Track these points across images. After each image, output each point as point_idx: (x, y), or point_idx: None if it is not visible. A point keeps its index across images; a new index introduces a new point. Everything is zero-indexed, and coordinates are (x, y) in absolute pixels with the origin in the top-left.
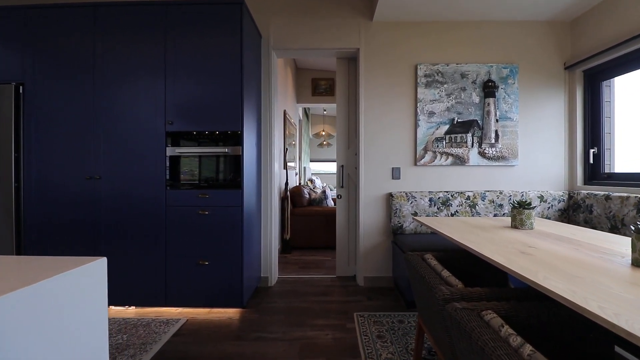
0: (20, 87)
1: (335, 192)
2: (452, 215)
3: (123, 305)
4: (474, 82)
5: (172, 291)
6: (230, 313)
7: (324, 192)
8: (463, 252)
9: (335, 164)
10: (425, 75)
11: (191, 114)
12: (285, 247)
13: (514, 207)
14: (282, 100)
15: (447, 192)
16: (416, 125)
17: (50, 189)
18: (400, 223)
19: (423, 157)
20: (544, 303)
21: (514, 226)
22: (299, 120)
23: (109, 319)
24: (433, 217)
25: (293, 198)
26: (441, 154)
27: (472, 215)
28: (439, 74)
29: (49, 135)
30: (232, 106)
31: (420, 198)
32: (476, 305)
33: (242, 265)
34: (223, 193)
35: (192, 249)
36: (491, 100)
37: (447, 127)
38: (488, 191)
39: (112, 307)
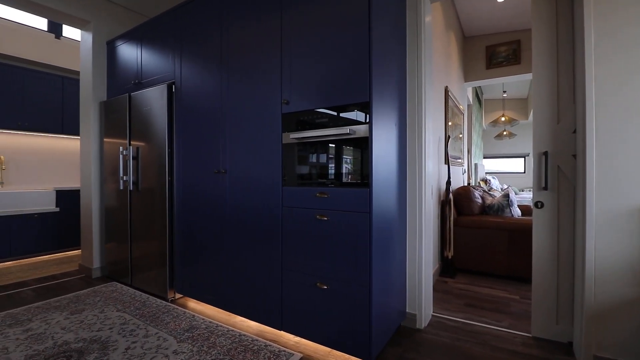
0: (172, 86)
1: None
2: None
3: (247, 317)
4: None
5: (288, 314)
6: None
7: (506, 196)
8: None
9: (520, 160)
10: None
11: (309, 88)
12: (446, 268)
13: None
14: (443, 75)
15: None
16: None
17: (190, 182)
18: None
19: None
20: None
21: None
22: (468, 105)
23: (230, 329)
24: None
25: (458, 203)
26: None
27: None
28: None
29: (190, 130)
30: (356, 71)
31: None
32: None
33: (369, 298)
34: (344, 192)
35: (310, 266)
36: None
37: None
38: None
39: (239, 317)
